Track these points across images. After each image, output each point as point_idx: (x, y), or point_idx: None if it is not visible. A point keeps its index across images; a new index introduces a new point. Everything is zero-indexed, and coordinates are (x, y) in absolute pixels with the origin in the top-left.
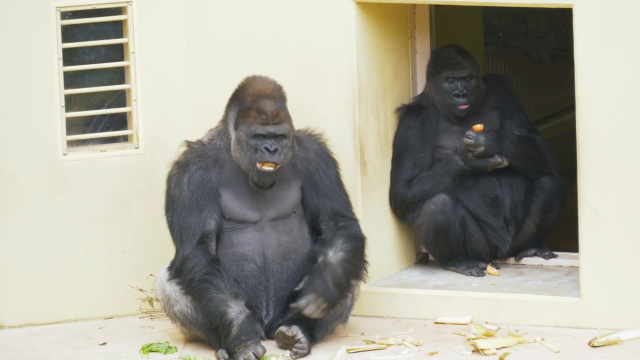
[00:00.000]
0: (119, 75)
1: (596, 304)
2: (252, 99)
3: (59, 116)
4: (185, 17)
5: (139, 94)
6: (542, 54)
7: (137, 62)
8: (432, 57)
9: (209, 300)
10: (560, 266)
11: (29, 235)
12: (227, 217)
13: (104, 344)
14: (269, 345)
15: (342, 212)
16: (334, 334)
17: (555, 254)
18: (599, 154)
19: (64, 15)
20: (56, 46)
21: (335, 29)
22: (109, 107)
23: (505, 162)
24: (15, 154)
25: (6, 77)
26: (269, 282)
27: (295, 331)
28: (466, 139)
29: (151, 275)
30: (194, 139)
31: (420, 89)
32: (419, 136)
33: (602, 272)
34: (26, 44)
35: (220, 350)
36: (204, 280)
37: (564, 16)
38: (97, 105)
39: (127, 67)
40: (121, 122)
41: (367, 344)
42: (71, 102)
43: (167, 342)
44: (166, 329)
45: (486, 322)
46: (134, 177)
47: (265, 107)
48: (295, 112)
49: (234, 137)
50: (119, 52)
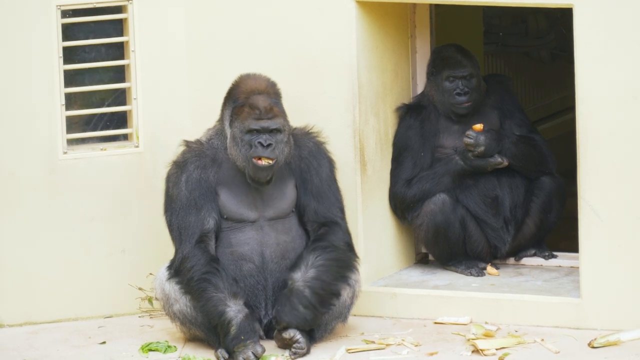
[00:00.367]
0: (119, 73)
1: (596, 304)
2: (246, 96)
3: (59, 114)
4: (185, 16)
5: (139, 92)
6: (542, 54)
7: (137, 61)
8: (432, 57)
9: (208, 299)
10: (560, 266)
11: (29, 233)
12: (225, 216)
13: (104, 343)
14: (268, 344)
15: (325, 214)
16: (333, 334)
17: (555, 254)
18: (599, 154)
19: (65, 13)
20: (56, 44)
21: (335, 28)
22: (109, 105)
23: (505, 162)
24: (15, 152)
25: (6, 75)
26: (267, 281)
27: (293, 332)
28: (466, 139)
29: (151, 274)
30: (193, 138)
31: (420, 89)
32: (418, 136)
33: (602, 273)
34: (26, 42)
35: (219, 349)
36: (202, 279)
37: (564, 16)
38: (97, 103)
39: (127, 65)
40: (121, 120)
41: (366, 343)
42: (71, 101)
43: (166, 341)
44: (166, 328)
45: (486, 323)
46: (134, 176)
47: (258, 103)
48: (295, 112)
49: (229, 135)
50: (119, 50)
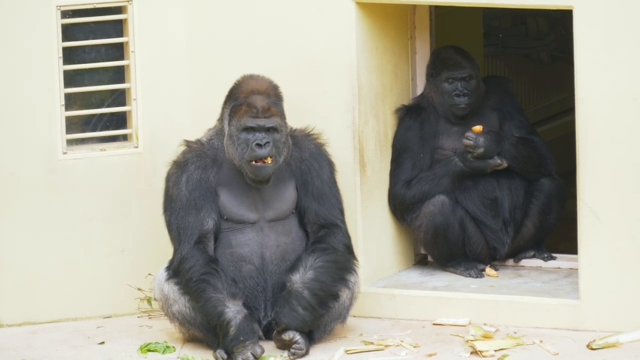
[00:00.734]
0: (119, 74)
1: (595, 306)
2: (245, 95)
3: (59, 115)
4: (185, 17)
5: (138, 93)
6: (542, 56)
7: (137, 62)
8: (431, 58)
9: (207, 300)
10: (559, 268)
11: (28, 233)
12: (225, 217)
13: (103, 343)
14: (267, 345)
15: (325, 216)
16: (332, 335)
17: (554, 255)
18: (598, 156)
19: (65, 14)
20: (56, 45)
21: (335, 29)
22: (108, 106)
23: (504, 164)
24: (14, 152)
25: (6, 75)
26: (267, 283)
27: (293, 333)
28: (465, 140)
29: (150, 274)
30: (193, 138)
31: (420, 90)
32: (418, 137)
33: (601, 275)
34: (26, 42)
35: (218, 350)
36: (201, 280)
37: (563, 17)
38: (97, 104)
39: (127, 66)
40: (121, 121)
41: (365, 344)
42: (71, 101)
43: (165, 341)
44: (164, 329)
45: (485, 324)
46: (134, 176)
47: (256, 102)
48: (295, 112)
49: (227, 133)
50: (119, 51)
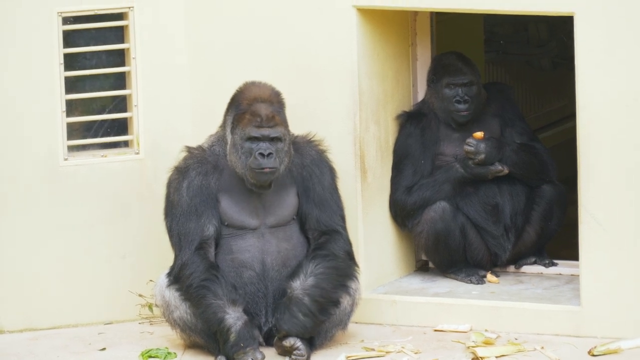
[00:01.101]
0: (120, 80)
1: (596, 312)
2: (248, 103)
3: (60, 121)
4: (186, 24)
5: (139, 99)
6: (543, 62)
7: (138, 68)
8: (432, 64)
9: (207, 306)
10: (560, 274)
11: (30, 239)
12: (226, 223)
13: (104, 349)
14: (268, 351)
15: (326, 222)
16: (333, 341)
17: (555, 262)
18: (599, 162)
19: (66, 20)
20: (57, 51)
21: (336, 35)
22: (109, 112)
23: (505, 170)
24: (16, 158)
25: (7, 81)
26: (268, 289)
27: (294, 339)
28: (467, 147)
29: (151, 281)
30: (194, 144)
31: (421, 96)
32: (419, 143)
33: (603, 281)
34: (27, 48)
35: (219, 356)
36: (201, 286)
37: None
38: (98, 110)
39: (128, 72)
40: (122, 127)
41: (366, 351)
42: (72, 107)
43: (166, 347)
44: (166, 335)
45: (486, 330)
46: (135, 182)
47: (260, 111)
48: (295, 118)
49: (229, 141)
50: (120, 57)
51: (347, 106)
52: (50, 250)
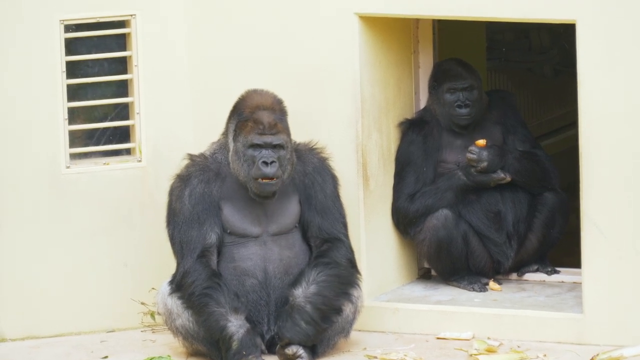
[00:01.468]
0: (122, 88)
1: (599, 320)
2: (251, 110)
3: (62, 129)
4: (188, 32)
5: (142, 107)
6: (544, 69)
7: (140, 76)
8: (433, 70)
9: (209, 314)
10: (562, 282)
11: (31, 247)
12: (228, 231)
13: (106, 357)
14: (271, 359)
15: (329, 230)
16: (335, 349)
17: (557, 269)
18: (601, 169)
19: (68, 28)
20: (60, 59)
21: (338, 43)
22: (111, 120)
23: (508, 178)
24: (17, 166)
25: (9, 89)
26: (270, 297)
27: (296, 347)
28: (469, 154)
29: (153, 289)
30: (196, 152)
31: (423, 104)
32: (421, 151)
33: (605, 288)
34: (30, 56)
35: None
36: (204, 294)
37: (566, 31)
38: (100, 118)
39: (130, 80)
40: (124, 135)
41: (369, 358)
42: (74, 115)
43: (168, 355)
44: (168, 343)
45: (488, 338)
46: (137, 190)
47: (262, 118)
48: (297, 126)
49: (232, 149)
50: (122, 65)
51: (349, 114)
52: (52, 257)
